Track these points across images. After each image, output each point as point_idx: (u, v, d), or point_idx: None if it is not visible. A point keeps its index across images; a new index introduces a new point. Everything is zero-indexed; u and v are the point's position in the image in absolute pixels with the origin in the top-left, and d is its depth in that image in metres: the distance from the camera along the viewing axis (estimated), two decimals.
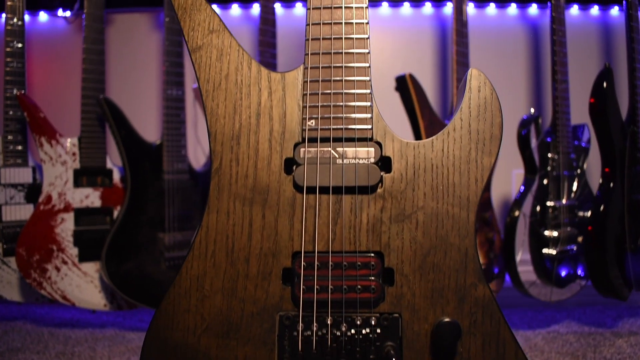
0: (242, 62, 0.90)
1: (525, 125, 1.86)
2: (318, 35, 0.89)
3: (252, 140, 0.88)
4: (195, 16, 0.92)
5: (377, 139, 0.87)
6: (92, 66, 1.92)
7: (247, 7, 2.29)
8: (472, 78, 0.87)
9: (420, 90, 1.81)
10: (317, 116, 0.87)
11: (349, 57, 0.89)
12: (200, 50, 0.91)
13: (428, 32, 2.29)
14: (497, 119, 0.86)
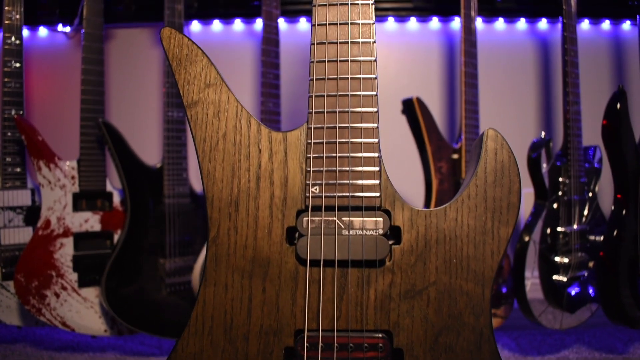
0: (240, 119, 0.83)
1: (535, 149, 1.79)
2: (322, 92, 0.82)
3: (252, 207, 0.81)
4: (190, 68, 0.85)
5: (385, 206, 0.80)
6: (91, 87, 1.86)
7: (250, 22, 2.22)
8: (489, 139, 0.80)
9: (428, 114, 1.73)
10: (321, 182, 0.80)
11: (356, 116, 0.81)
12: (196, 106, 0.84)
13: (435, 47, 2.21)
14: (515, 186, 0.79)
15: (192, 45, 0.85)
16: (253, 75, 2.20)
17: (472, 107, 1.82)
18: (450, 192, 1.76)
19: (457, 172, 1.79)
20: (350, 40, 0.82)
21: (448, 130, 2.21)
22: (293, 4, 2.17)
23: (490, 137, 0.80)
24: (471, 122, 1.81)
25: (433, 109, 2.16)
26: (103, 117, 1.84)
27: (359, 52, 0.82)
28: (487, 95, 1.99)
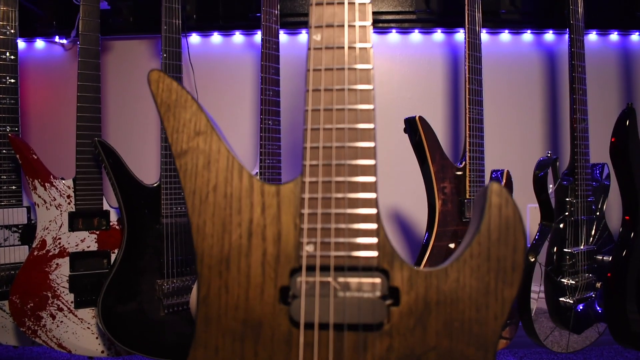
0: (232, 171, 0.79)
1: (542, 168, 1.74)
2: (317, 143, 0.78)
3: (244, 265, 0.77)
4: (180, 115, 0.81)
5: (383, 266, 0.76)
6: (87, 104, 1.82)
7: (250, 34, 2.17)
8: (493, 193, 0.75)
9: (431, 134, 1.69)
10: (316, 240, 0.76)
11: (353, 169, 0.77)
12: (185, 156, 0.80)
13: (439, 60, 2.16)
14: (520, 244, 0.74)
15: (182, 91, 0.81)
16: (253, 88, 2.16)
17: (476, 124, 1.77)
18: (454, 213, 1.72)
19: (461, 191, 1.75)
20: (348, 87, 0.78)
21: (452, 145, 2.16)
22: (293, 16, 2.12)
23: (494, 191, 0.76)
24: (475, 140, 1.77)
25: (436, 123, 2.12)
26: (99, 135, 1.80)
27: (356, 99, 0.78)
28: (492, 109, 1.94)
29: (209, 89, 2.15)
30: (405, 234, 2.15)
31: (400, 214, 2.13)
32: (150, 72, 0.83)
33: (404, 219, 2.14)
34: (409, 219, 2.13)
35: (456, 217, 1.73)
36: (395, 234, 2.14)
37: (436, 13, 2.11)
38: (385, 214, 2.14)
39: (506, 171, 1.84)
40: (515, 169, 2.08)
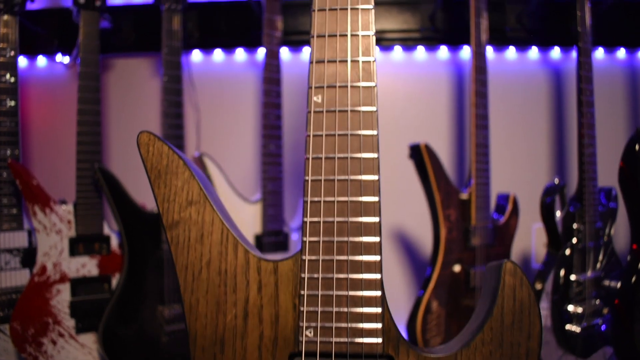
0: (226, 245, 0.72)
1: (549, 194, 1.67)
2: (318, 217, 0.71)
3: (239, 347, 0.70)
4: (171, 182, 0.74)
5: (388, 352, 0.69)
6: (87, 128, 1.75)
7: (252, 52, 2.10)
8: (507, 273, 0.68)
9: (436, 161, 1.62)
10: (316, 324, 0.69)
11: (356, 247, 0.70)
12: (177, 228, 0.73)
13: (443, 78, 2.08)
14: (535, 330, 0.67)
15: (173, 155, 0.74)
16: (254, 106, 2.08)
17: (482, 149, 1.70)
18: (460, 241, 1.65)
19: (467, 218, 1.68)
20: (350, 156, 0.71)
21: (456, 165, 2.08)
22: (296, 34, 2.05)
23: (508, 271, 0.69)
24: (481, 165, 1.69)
25: (440, 142, 2.04)
26: (100, 159, 1.74)
27: (359, 168, 0.70)
28: (498, 128, 1.86)
29: (211, 107, 2.08)
30: (409, 253, 2.08)
31: (403, 234, 2.06)
32: (139, 134, 0.76)
33: (407, 239, 2.07)
34: (412, 238, 2.06)
35: (461, 245, 1.66)
36: (398, 254, 2.07)
37: (441, 31, 2.03)
38: (388, 233, 2.07)
39: (512, 196, 1.77)
40: (520, 188, 2.01)
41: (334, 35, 0.71)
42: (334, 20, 0.72)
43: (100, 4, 1.77)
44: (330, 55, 0.72)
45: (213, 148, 2.07)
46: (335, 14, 0.71)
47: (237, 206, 1.69)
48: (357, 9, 0.72)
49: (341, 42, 0.71)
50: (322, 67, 0.72)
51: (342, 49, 0.71)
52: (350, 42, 0.71)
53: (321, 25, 0.72)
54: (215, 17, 2.06)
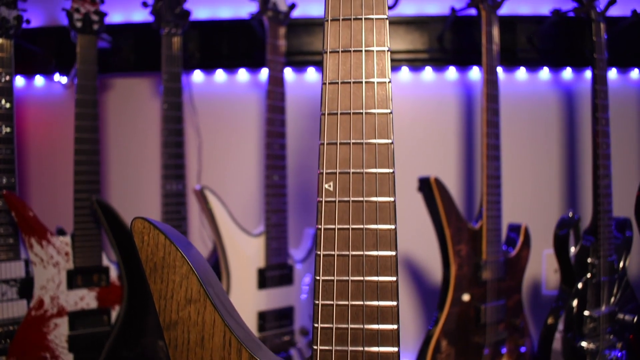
0: (229, 350, 0.64)
1: (563, 227, 1.58)
2: (330, 324, 0.62)
3: None
4: (168, 277, 0.65)
5: None
6: (84, 157, 1.66)
7: (255, 72, 2.00)
8: None
9: (447, 195, 1.53)
10: None
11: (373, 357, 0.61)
12: (175, 329, 0.64)
13: (452, 99, 1.98)
14: None
15: (170, 247, 0.65)
16: (258, 129, 1.99)
17: (493, 181, 1.61)
18: (470, 277, 1.57)
19: (477, 252, 1.59)
20: (366, 254, 0.62)
21: (465, 193, 1.99)
22: (301, 55, 1.95)
23: None
24: (493, 197, 1.61)
25: (449, 167, 1.95)
26: (98, 190, 1.66)
27: (375, 270, 0.62)
28: (507, 152, 1.76)
29: (213, 130, 1.99)
30: (417, 280, 1.99)
31: (412, 260, 1.98)
32: (133, 221, 0.67)
33: (415, 265, 1.98)
34: (420, 264, 1.98)
35: (472, 280, 1.57)
36: (407, 281, 1.99)
37: (449, 51, 1.93)
38: None
39: (524, 226, 1.68)
40: (531, 212, 1.93)
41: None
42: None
43: (98, 27, 1.68)
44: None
45: (215, 175, 1.99)
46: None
47: (240, 240, 1.60)
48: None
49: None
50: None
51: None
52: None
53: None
54: (217, 36, 1.96)
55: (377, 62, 0.67)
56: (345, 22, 0.68)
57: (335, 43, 0.68)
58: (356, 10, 0.68)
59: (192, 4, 1.86)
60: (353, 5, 0.68)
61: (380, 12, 0.68)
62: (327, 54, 0.68)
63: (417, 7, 1.95)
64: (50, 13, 2.03)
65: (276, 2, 1.68)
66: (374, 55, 0.67)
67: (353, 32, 0.68)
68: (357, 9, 0.68)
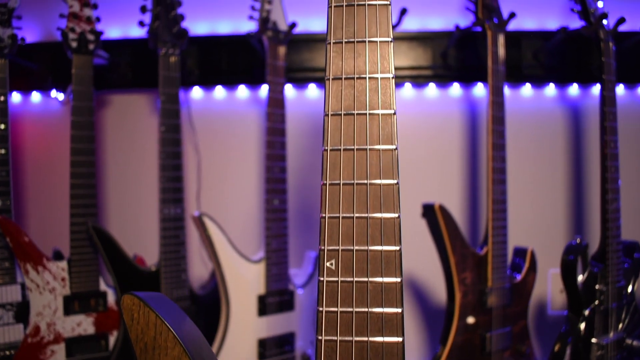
0: None
1: (570, 253, 1.52)
2: None
3: None
4: (159, 359, 0.60)
5: None
6: (80, 181, 1.61)
7: (255, 88, 1.94)
8: None
9: (452, 223, 1.47)
10: None
11: None
12: None
13: (456, 117, 1.92)
14: None
15: (162, 326, 0.60)
16: (258, 147, 1.93)
17: (499, 206, 1.55)
18: (475, 304, 1.51)
19: (483, 279, 1.54)
20: (371, 311, 0.57)
21: (469, 215, 1.93)
22: (301, 71, 1.89)
23: None
24: (498, 223, 1.55)
25: (452, 189, 1.90)
26: (95, 214, 1.61)
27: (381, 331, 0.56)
28: (512, 170, 1.69)
29: (212, 148, 1.93)
30: (420, 301, 1.94)
31: (415, 279, 1.92)
32: (123, 297, 0.62)
33: (419, 286, 1.93)
34: (423, 283, 1.92)
35: (477, 307, 1.52)
36: (410, 303, 1.94)
37: (453, 68, 1.87)
38: None
39: (530, 250, 1.62)
40: (536, 232, 1.88)
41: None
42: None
43: (94, 46, 1.63)
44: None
45: (214, 195, 1.93)
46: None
47: (239, 267, 1.55)
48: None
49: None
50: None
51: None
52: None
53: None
54: (216, 52, 1.90)
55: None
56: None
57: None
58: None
59: (191, 18, 1.80)
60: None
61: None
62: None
63: (420, 22, 1.89)
64: (46, 27, 1.97)
65: (276, 22, 1.62)
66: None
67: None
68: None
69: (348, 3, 0.65)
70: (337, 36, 0.66)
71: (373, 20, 0.65)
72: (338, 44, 0.65)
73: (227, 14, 1.92)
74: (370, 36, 0.65)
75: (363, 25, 0.65)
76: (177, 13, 1.64)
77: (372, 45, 0.65)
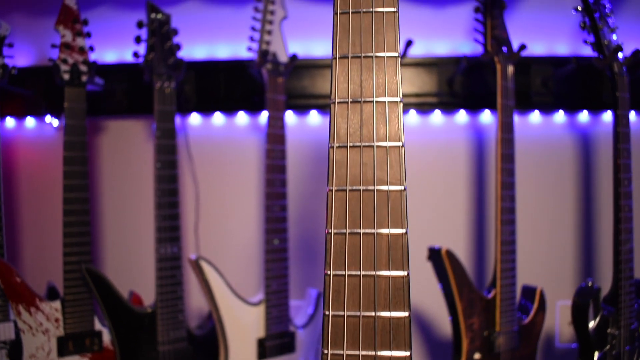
0: None
1: (582, 296, 1.44)
2: None
3: None
4: None
5: None
6: (74, 218, 1.53)
7: (254, 115, 1.85)
8: None
9: (459, 268, 1.39)
10: None
11: None
12: None
13: (462, 144, 1.83)
14: None
15: None
16: (258, 177, 1.85)
17: (508, 247, 1.47)
18: (482, 348, 1.43)
19: (490, 324, 1.46)
20: None
21: (475, 252, 1.85)
22: (302, 98, 1.80)
23: None
24: (507, 265, 1.47)
25: (458, 222, 1.81)
26: (89, 253, 1.52)
27: None
28: (519, 198, 1.60)
29: (210, 178, 1.84)
30: (425, 333, 1.86)
31: (420, 311, 1.84)
32: None
33: (424, 317, 1.85)
34: (429, 315, 1.84)
35: (485, 352, 1.44)
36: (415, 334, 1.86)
37: (460, 95, 1.78)
38: None
39: (539, 290, 1.54)
40: (545, 263, 1.79)
41: None
42: None
43: (87, 78, 1.54)
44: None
45: (212, 228, 1.85)
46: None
47: (238, 310, 1.47)
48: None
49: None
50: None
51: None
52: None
53: None
54: (214, 78, 1.81)
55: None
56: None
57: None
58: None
59: (189, 42, 1.72)
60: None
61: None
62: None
63: (425, 47, 1.79)
64: (41, 50, 1.88)
65: (276, 53, 1.53)
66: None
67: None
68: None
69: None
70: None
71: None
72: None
73: (226, 37, 1.83)
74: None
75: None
76: (173, 43, 1.55)
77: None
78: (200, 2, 1.84)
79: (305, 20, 1.76)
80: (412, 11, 1.78)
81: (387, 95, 0.63)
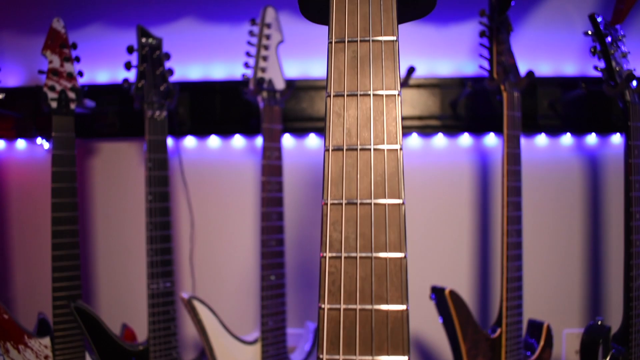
0: None
1: (591, 334, 1.36)
2: None
3: None
4: None
5: None
6: (63, 252, 1.45)
7: (251, 138, 1.77)
8: None
9: (463, 308, 1.31)
10: None
11: None
12: None
13: (466, 167, 1.75)
14: None
15: None
16: (254, 201, 1.76)
17: (515, 284, 1.39)
18: None
19: None
20: None
21: (479, 280, 1.76)
22: (300, 121, 1.72)
23: None
24: (513, 302, 1.39)
25: (462, 250, 1.73)
26: (79, 288, 1.45)
27: None
28: (526, 223, 1.51)
29: (205, 204, 1.76)
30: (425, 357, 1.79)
31: (420, 339, 1.77)
32: None
33: (424, 345, 1.77)
34: (430, 344, 1.77)
35: None
36: None
37: (464, 118, 1.69)
38: None
39: (546, 325, 1.46)
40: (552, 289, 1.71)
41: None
42: None
43: (75, 105, 1.45)
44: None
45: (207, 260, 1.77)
46: None
47: (233, 350, 1.39)
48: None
49: None
50: None
51: None
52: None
53: None
54: (210, 99, 1.72)
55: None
56: None
57: None
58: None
59: (183, 63, 1.64)
60: None
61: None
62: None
63: (428, 67, 1.70)
64: (30, 71, 1.79)
65: (272, 80, 1.44)
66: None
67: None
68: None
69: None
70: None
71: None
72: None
73: (222, 56, 1.74)
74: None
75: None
76: (165, 68, 1.46)
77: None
78: (196, 20, 1.75)
79: (303, 40, 1.67)
80: (414, 29, 1.69)
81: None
